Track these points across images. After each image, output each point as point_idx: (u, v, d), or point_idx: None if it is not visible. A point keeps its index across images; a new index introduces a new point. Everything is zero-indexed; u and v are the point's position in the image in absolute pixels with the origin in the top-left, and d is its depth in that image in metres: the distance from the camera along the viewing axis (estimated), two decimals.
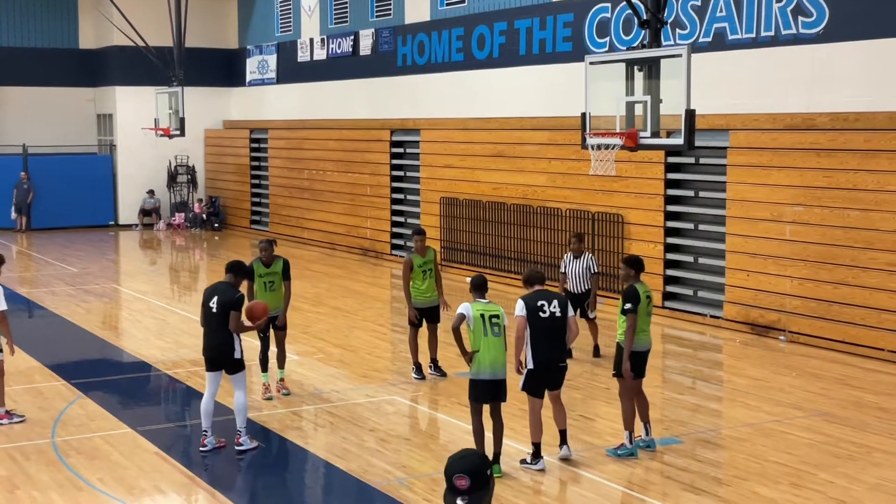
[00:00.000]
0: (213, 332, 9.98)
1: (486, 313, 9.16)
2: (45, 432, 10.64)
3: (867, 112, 14.28)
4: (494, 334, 9.12)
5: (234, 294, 9.95)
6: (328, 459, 9.80)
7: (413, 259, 12.78)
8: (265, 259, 11.84)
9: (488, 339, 9.10)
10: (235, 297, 9.91)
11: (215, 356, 10.00)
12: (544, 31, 19.95)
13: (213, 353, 10.00)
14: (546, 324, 9.25)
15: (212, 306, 9.95)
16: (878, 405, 11.67)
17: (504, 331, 9.22)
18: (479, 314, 9.13)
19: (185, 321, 16.85)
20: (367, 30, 25.37)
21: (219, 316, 9.88)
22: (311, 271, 22.43)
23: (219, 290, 10.02)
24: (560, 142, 19.01)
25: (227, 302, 9.87)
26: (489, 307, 9.25)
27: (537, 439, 9.39)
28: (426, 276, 12.77)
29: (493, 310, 9.23)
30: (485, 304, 9.28)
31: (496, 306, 9.31)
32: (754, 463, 9.61)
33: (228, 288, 10.01)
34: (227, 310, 9.84)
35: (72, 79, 31.87)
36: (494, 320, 9.16)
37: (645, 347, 9.88)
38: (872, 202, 13.99)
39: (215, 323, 9.93)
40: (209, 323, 10.01)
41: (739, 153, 15.88)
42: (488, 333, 9.10)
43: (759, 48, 15.79)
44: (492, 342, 9.11)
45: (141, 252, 27.93)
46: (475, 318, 9.11)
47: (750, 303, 15.68)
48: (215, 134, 32.49)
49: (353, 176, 25.64)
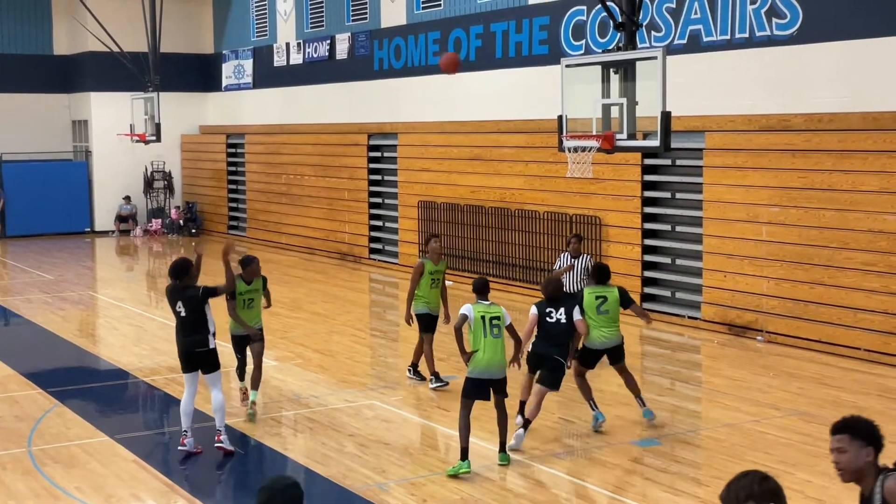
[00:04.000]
0: (187, 334, 9.97)
1: (488, 315, 9.47)
2: (22, 441, 10.56)
3: (841, 113, 14.38)
4: (494, 335, 9.42)
5: (196, 291, 9.90)
6: (308, 465, 9.77)
7: (426, 264, 12.53)
8: (247, 277, 11.39)
9: (487, 339, 9.40)
10: (200, 292, 9.87)
11: (191, 350, 9.95)
12: (520, 35, 19.98)
13: (189, 347, 9.94)
14: (548, 326, 10.31)
15: (179, 311, 9.93)
16: (855, 404, 11.74)
17: (503, 332, 9.51)
18: (479, 316, 9.45)
19: (162, 328, 16.77)
20: (343, 34, 25.34)
21: (190, 317, 9.87)
22: (289, 276, 22.37)
23: (179, 292, 9.96)
24: (537, 144, 19.05)
25: (195, 297, 9.85)
26: (491, 309, 9.55)
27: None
28: (434, 284, 12.50)
29: (495, 311, 9.53)
30: (486, 306, 9.57)
31: (498, 308, 9.59)
32: (733, 463, 9.65)
33: (186, 288, 9.94)
34: (200, 305, 9.84)
35: (46, 85, 31.67)
36: (495, 322, 9.47)
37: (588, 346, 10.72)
38: (847, 202, 14.09)
39: (185, 325, 9.93)
40: (182, 326, 9.99)
41: (715, 154, 15.96)
42: (488, 334, 9.40)
43: (734, 50, 15.87)
44: (490, 343, 9.40)
45: (118, 259, 27.78)
46: (476, 320, 9.43)
47: (727, 303, 15.75)
48: (192, 139, 32.36)
49: (331, 180, 25.60)
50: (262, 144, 28.89)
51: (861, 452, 4.52)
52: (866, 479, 4.55)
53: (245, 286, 11.37)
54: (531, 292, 18.96)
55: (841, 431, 4.58)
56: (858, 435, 4.55)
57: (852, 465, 4.53)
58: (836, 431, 4.60)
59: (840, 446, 4.55)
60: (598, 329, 10.65)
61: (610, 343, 10.74)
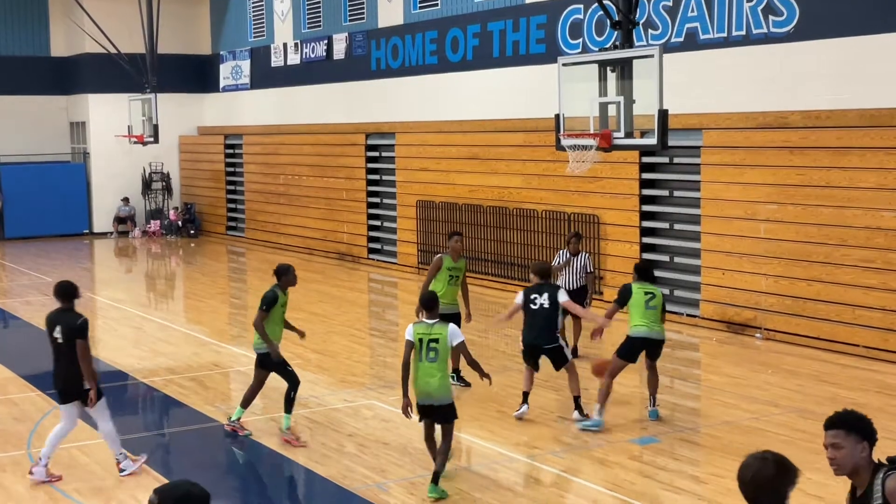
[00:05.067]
0: (60, 363, 9.23)
1: (426, 337, 8.74)
2: (21, 443, 10.56)
3: (838, 110, 14.39)
4: (429, 359, 8.71)
5: (76, 319, 9.11)
6: (307, 465, 9.77)
7: (444, 260, 12.39)
8: (284, 286, 10.52)
9: (423, 364, 8.72)
10: (79, 324, 9.08)
11: (64, 388, 9.27)
12: (517, 33, 19.98)
13: (63, 384, 9.27)
14: (532, 313, 10.78)
15: (56, 336, 9.17)
16: (854, 401, 11.73)
17: (441, 354, 8.75)
18: (417, 338, 8.75)
19: (161, 329, 16.78)
20: (340, 34, 25.34)
21: (65, 345, 9.12)
22: None
23: (60, 317, 9.20)
24: (535, 143, 19.05)
25: (72, 329, 9.07)
26: (432, 330, 8.78)
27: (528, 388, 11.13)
28: (452, 281, 12.30)
29: (435, 333, 8.75)
30: (427, 327, 8.82)
31: (440, 328, 8.78)
32: (732, 461, 9.64)
33: (69, 314, 9.17)
34: (72, 338, 9.07)
35: (44, 87, 31.66)
36: (433, 345, 8.72)
37: (635, 335, 10.83)
38: (844, 199, 14.09)
39: (62, 353, 9.17)
40: (56, 354, 9.26)
41: (713, 152, 15.96)
42: (423, 358, 8.72)
43: (731, 47, 15.88)
44: (424, 368, 8.71)
45: (116, 260, 27.77)
46: (415, 342, 8.75)
47: (726, 301, 15.76)
48: (190, 140, 32.35)
49: (329, 180, 25.60)
50: (260, 145, 28.89)
51: (857, 447, 4.49)
52: (861, 475, 4.52)
53: (283, 297, 10.48)
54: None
55: (836, 426, 4.53)
56: (854, 430, 4.51)
57: (848, 460, 4.50)
58: (831, 426, 4.55)
59: (836, 441, 4.51)
60: (645, 321, 10.77)
61: (654, 336, 10.88)
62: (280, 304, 10.37)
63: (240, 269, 26.39)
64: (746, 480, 4.06)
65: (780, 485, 4.07)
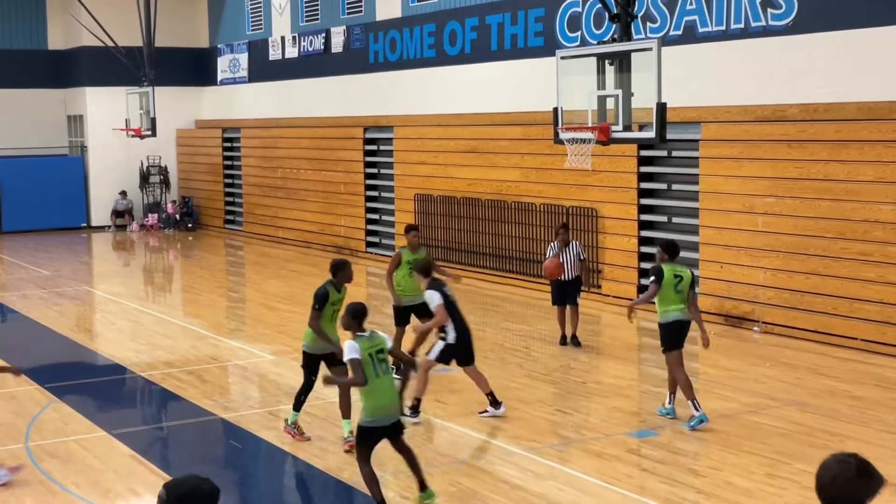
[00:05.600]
0: None
1: (373, 349, 8.11)
2: (19, 437, 10.55)
3: (837, 103, 14.38)
4: (384, 371, 8.12)
5: None
6: (306, 458, 9.77)
7: (403, 254, 12.62)
8: (339, 283, 9.93)
9: (380, 379, 8.08)
10: None
11: None
12: (515, 27, 19.95)
13: None
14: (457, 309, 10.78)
15: None
16: (851, 394, 11.76)
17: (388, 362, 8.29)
18: (367, 354, 8.06)
19: (159, 323, 16.77)
20: (338, 27, 25.30)
21: None
22: (285, 270, 22.36)
23: None
24: (533, 137, 19.04)
25: None
26: (374, 341, 8.18)
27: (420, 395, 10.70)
28: (413, 274, 12.33)
29: (378, 344, 8.18)
30: (368, 339, 8.17)
31: (381, 338, 8.26)
32: (730, 454, 9.66)
33: None
34: None
35: (41, 80, 31.61)
36: (380, 356, 8.15)
37: (669, 320, 10.65)
38: (843, 192, 14.09)
39: None
40: None
41: (711, 145, 15.95)
42: (378, 373, 8.07)
43: (730, 41, 15.86)
44: (385, 382, 8.11)
45: (114, 254, 27.75)
46: (364, 359, 8.04)
47: (724, 294, 15.76)
48: (187, 134, 32.32)
49: (327, 174, 25.58)
50: (258, 138, 28.86)
51: None
52: None
53: (337, 294, 9.86)
54: (528, 285, 18.97)
55: None
56: None
57: None
58: None
59: None
60: (675, 305, 10.61)
61: (684, 318, 10.69)
62: (331, 301, 9.77)
63: (238, 262, 26.37)
64: (825, 484, 3.79)
65: (860, 491, 3.77)
